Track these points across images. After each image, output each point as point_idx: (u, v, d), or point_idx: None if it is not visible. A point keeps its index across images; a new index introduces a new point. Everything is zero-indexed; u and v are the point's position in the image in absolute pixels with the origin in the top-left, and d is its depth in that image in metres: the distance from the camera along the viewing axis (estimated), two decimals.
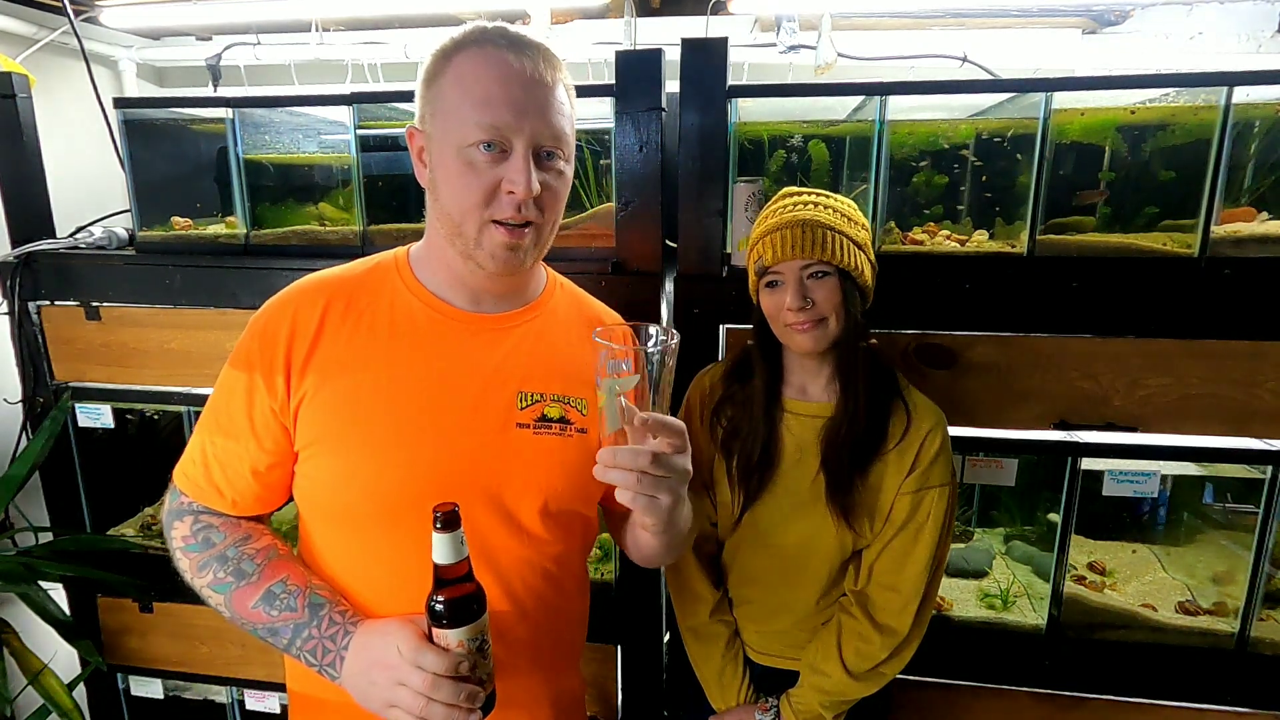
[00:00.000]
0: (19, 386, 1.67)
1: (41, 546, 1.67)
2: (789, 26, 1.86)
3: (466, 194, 0.80)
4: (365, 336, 0.86)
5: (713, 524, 1.21)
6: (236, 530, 0.88)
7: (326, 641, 0.80)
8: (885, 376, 1.12)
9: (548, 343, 0.92)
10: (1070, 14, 1.91)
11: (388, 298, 0.88)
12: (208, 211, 1.68)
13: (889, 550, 1.09)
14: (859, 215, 1.09)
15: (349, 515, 0.85)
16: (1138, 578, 1.53)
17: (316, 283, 0.89)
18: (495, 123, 0.78)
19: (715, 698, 1.21)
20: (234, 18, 1.97)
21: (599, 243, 1.44)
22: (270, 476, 0.88)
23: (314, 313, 0.86)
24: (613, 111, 1.36)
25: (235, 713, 1.82)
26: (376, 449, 0.83)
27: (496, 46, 0.80)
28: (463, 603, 0.74)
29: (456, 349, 0.87)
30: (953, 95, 1.35)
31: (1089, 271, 1.27)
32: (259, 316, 0.88)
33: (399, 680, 0.75)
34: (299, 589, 0.83)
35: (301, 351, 0.84)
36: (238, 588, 0.84)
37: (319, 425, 0.84)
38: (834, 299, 1.04)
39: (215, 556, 0.86)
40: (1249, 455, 1.32)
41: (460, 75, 0.80)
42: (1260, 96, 1.22)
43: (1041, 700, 1.47)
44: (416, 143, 0.85)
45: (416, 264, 0.91)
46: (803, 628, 1.17)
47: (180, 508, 0.90)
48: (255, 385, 0.84)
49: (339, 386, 0.84)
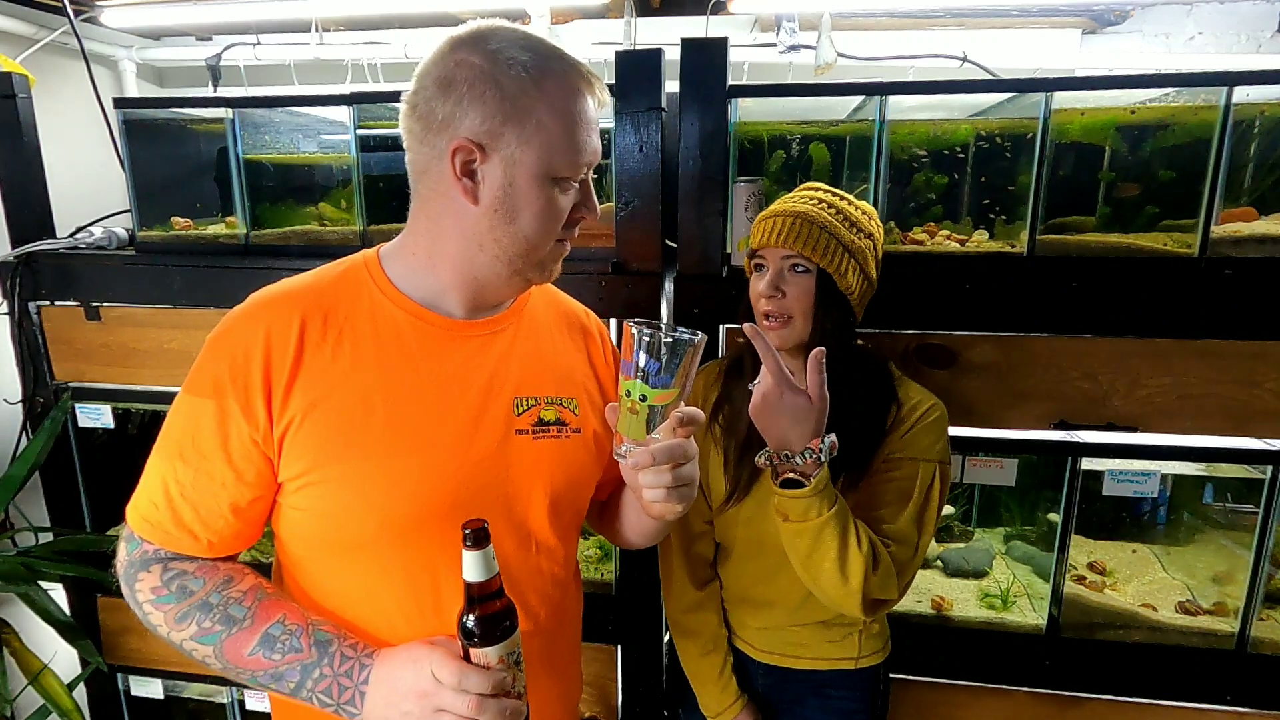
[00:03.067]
0: (19, 386, 1.67)
1: (41, 546, 1.67)
2: (789, 26, 1.87)
3: (553, 220, 0.81)
4: (350, 353, 0.80)
5: (707, 522, 1.21)
6: (215, 574, 0.81)
7: (342, 679, 0.76)
8: (877, 378, 1.10)
9: (534, 345, 0.91)
10: (1070, 14, 1.91)
11: (366, 308, 0.82)
12: (208, 211, 1.68)
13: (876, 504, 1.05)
14: (868, 224, 1.07)
15: (356, 542, 0.80)
16: (1138, 578, 1.53)
17: (284, 296, 0.82)
18: (588, 159, 0.80)
19: (699, 696, 1.23)
20: (234, 18, 1.97)
21: (599, 243, 1.44)
22: (252, 511, 0.81)
23: (290, 330, 0.78)
24: (612, 111, 1.36)
25: (235, 713, 1.82)
26: (384, 471, 0.78)
27: (583, 78, 0.79)
28: (497, 618, 0.72)
29: (449, 359, 0.84)
30: (953, 95, 1.35)
31: (1089, 271, 1.27)
32: (222, 336, 0.80)
33: (439, 707, 0.71)
34: (300, 627, 0.78)
35: (282, 374, 0.77)
36: (229, 636, 0.77)
37: (312, 453, 0.78)
38: (804, 300, 1.03)
39: (196, 605, 0.78)
40: (1249, 455, 1.32)
41: (558, 107, 0.77)
42: (1260, 96, 1.22)
43: (1041, 700, 1.47)
44: (464, 156, 0.76)
45: (393, 269, 0.85)
46: (797, 621, 1.17)
47: (144, 558, 0.81)
48: (229, 413, 0.77)
49: (330, 409, 0.78)
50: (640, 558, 1.49)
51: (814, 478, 0.93)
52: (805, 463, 0.93)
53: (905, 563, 1.01)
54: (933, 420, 1.06)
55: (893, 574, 0.98)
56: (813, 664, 1.18)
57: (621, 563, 1.52)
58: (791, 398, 0.92)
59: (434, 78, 0.77)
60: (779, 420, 0.93)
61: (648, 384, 0.73)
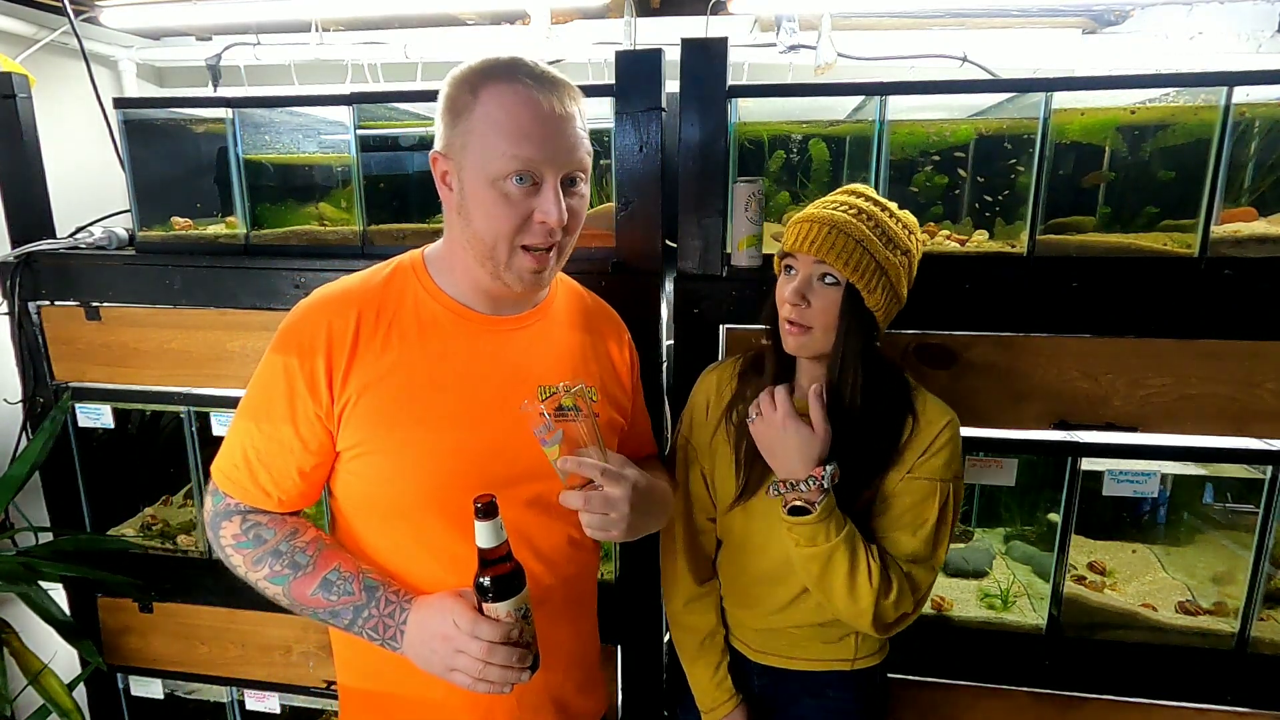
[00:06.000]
0: (19, 386, 1.67)
1: (41, 546, 1.67)
2: (789, 26, 1.87)
3: (501, 223, 0.88)
4: (398, 343, 0.93)
5: (711, 519, 1.21)
6: (284, 526, 0.96)
7: (386, 619, 0.90)
8: (894, 387, 1.09)
9: (557, 338, 1.04)
10: (1070, 14, 1.91)
11: (411, 304, 0.96)
12: (208, 211, 1.68)
13: (893, 526, 1.07)
14: (906, 240, 1.03)
15: (399, 507, 0.94)
16: (1138, 578, 1.53)
17: (343, 294, 0.96)
18: (529, 158, 0.86)
19: (695, 691, 1.23)
20: (234, 18, 1.97)
21: (599, 243, 1.44)
22: (314, 476, 0.96)
23: (348, 324, 0.92)
24: (613, 111, 1.36)
25: (235, 713, 1.82)
26: (425, 445, 0.92)
27: (524, 84, 0.86)
28: (506, 579, 0.85)
29: (481, 349, 0.97)
30: (953, 95, 1.35)
31: (1089, 271, 1.27)
32: (292, 326, 0.94)
33: (458, 648, 0.85)
34: (352, 575, 0.92)
35: (342, 362, 0.91)
36: (295, 578, 0.92)
37: (367, 428, 0.92)
38: (829, 313, 1.01)
39: (269, 552, 0.94)
40: (1249, 455, 1.32)
41: (491, 111, 0.86)
42: (1260, 96, 1.22)
43: (1041, 700, 1.47)
44: (440, 167, 0.92)
45: (434, 269, 0.98)
46: (794, 623, 1.17)
47: (227, 509, 0.97)
48: (296, 392, 0.91)
49: (381, 392, 0.92)
50: (640, 558, 1.49)
51: (819, 504, 0.99)
52: (810, 490, 0.99)
53: (925, 581, 1.05)
54: (948, 440, 1.05)
55: (908, 594, 1.02)
56: (809, 665, 1.18)
57: (621, 562, 1.52)
58: (795, 427, 0.99)
59: (437, 110, 0.91)
60: (784, 449, 1.00)
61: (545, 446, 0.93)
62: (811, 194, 1.38)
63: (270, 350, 0.95)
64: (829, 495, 0.99)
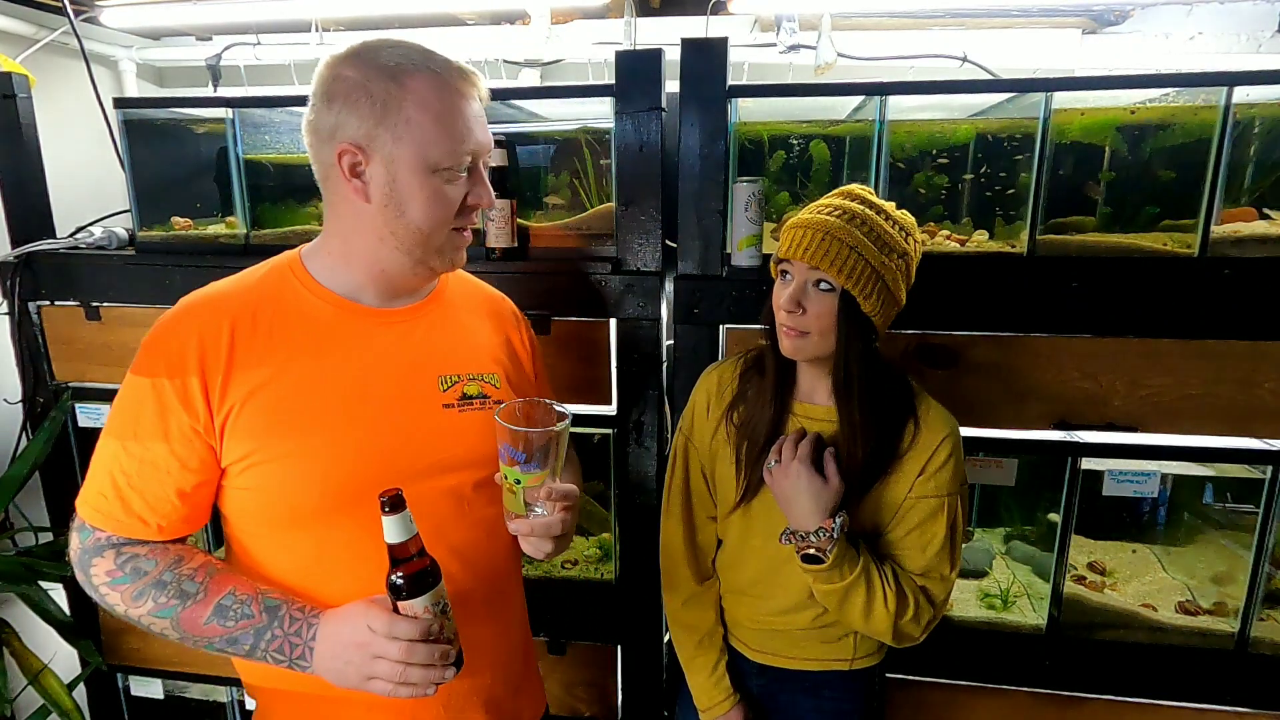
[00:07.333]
0: (19, 386, 1.68)
1: (41, 546, 1.67)
2: (789, 26, 1.86)
3: (444, 210, 0.89)
4: (281, 346, 0.88)
5: (712, 518, 1.21)
6: (166, 555, 0.87)
7: (292, 638, 0.84)
8: (896, 389, 1.09)
9: (453, 328, 1.01)
10: (1070, 14, 1.91)
11: (292, 304, 0.91)
12: (208, 211, 1.68)
13: (902, 543, 1.08)
14: (902, 242, 1.02)
15: (299, 517, 0.87)
16: (1138, 578, 1.53)
17: (210, 302, 0.89)
18: (470, 150, 0.88)
19: (692, 689, 1.23)
20: (234, 18, 1.97)
21: (599, 243, 1.44)
22: (197, 496, 0.88)
23: (221, 333, 0.86)
24: (613, 111, 1.36)
25: (235, 712, 1.82)
26: (322, 448, 0.86)
27: (448, 75, 0.87)
28: (421, 574, 0.81)
29: (373, 343, 0.93)
30: (953, 95, 1.35)
31: (1089, 271, 1.27)
32: (156, 342, 0.87)
33: (375, 654, 0.80)
34: (250, 596, 0.85)
35: (218, 370, 0.85)
36: (184, 609, 0.84)
37: (255, 437, 0.85)
38: (825, 319, 1.01)
39: (151, 583, 0.85)
40: (1249, 455, 1.32)
41: (428, 102, 0.85)
42: (1260, 96, 1.22)
43: (1041, 700, 1.47)
44: (350, 159, 0.86)
45: (314, 265, 0.94)
46: (793, 624, 1.17)
47: (97, 544, 0.87)
48: (168, 406, 0.84)
49: (269, 396, 0.86)
50: (640, 558, 1.49)
51: (830, 553, 1.01)
52: (820, 540, 1.02)
53: (941, 592, 1.07)
54: (949, 453, 1.06)
55: (926, 607, 1.06)
56: (807, 664, 1.18)
57: (621, 563, 1.53)
58: (809, 479, 1.02)
59: (319, 94, 0.87)
60: (798, 498, 1.03)
61: (519, 470, 0.86)
62: (811, 194, 1.38)
63: (132, 371, 0.86)
64: (839, 543, 1.02)
